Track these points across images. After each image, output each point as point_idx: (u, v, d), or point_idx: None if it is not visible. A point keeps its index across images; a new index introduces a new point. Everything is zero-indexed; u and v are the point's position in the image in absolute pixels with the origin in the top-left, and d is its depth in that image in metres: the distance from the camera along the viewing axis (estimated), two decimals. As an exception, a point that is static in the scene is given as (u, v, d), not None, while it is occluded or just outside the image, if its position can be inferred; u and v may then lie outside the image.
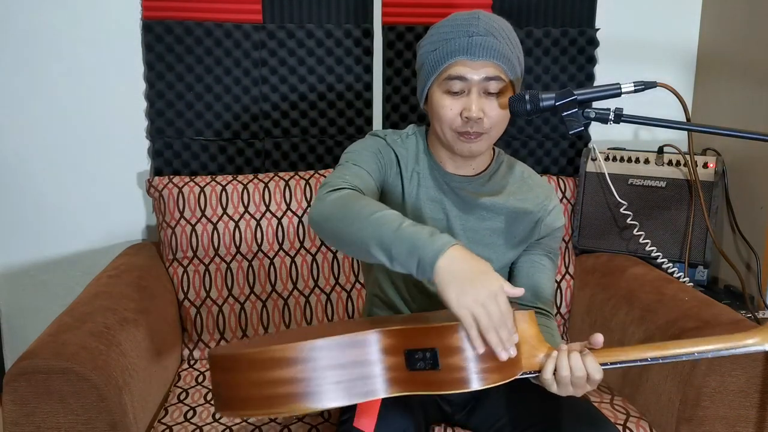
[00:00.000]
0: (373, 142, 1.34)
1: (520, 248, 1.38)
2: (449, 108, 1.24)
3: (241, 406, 1.01)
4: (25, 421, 1.28)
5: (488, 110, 1.23)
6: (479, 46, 1.21)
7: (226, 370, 1.02)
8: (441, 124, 1.27)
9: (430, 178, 1.35)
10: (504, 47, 1.23)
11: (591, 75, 2.11)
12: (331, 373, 0.98)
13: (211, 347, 1.88)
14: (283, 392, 0.98)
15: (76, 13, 1.96)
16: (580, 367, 1.05)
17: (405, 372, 0.99)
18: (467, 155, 1.29)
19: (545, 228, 1.37)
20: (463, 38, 1.22)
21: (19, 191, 2.03)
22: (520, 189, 1.38)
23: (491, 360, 0.98)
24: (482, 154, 1.32)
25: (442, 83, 1.25)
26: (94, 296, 1.60)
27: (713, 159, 1.95)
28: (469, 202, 1.35)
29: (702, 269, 1.98)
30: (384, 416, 1.16)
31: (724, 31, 2.06)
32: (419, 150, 1.37)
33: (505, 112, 1.26)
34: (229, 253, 1.88)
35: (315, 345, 0.97)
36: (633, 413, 1.54)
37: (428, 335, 0.99)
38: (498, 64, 1.22)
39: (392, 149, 1.35)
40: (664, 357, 1.06)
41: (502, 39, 1.24)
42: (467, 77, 1.22)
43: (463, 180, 1.35)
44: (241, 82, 2.01)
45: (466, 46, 1.21)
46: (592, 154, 2.02)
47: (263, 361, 0.98)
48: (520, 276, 1.38)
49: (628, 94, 1.13)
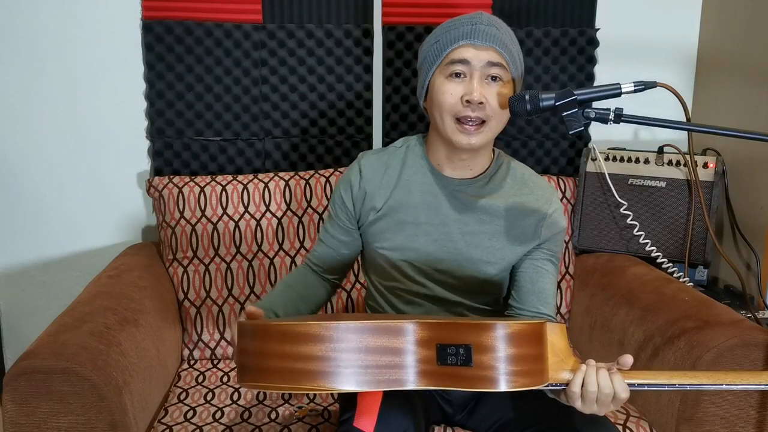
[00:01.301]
0: (338, 195, 1.43)
1: (522, 251, 1.37)
2: (450, 93, 1.25)
3: (264, 377, 1.00)
4: (26, 421, 1.28)
5: (489, 97, 1.24)
6: (483, 32, 1.24)
7: (256, 338, 1.02)
8: (441, 111, 1.27)
9: (427, 183, 1.35)
10: (506, 39, 1.27)
11: (591, 75, 2.11)
12: (360, 357, 0.97)
13: (211, 347, 1.88)
14: (308, 368, 0.97)
15: (76, 13, 1.96)
16: (608, 385, 1.03)
17: (434, 366, 0.99)
18: (466, 148, 1.28)
19: (547, 231, 1.36)
20: (467, 26, 1.25)
21: (19, 191, 2.03)
22: (520, 191, 1.37)
23: (523, 363, 0.99)
24: (481, 150, 1.32)
25: (444, 68, 1.26)
26: (94, 296, 1.60)
27: (713, 159, 1.95)
28: (467, 205, 1.34)
29: (702, 269, 1.98)
30: (384, 416, 1.16)
31: (724, 31, 2.06)
32: (414, 157, 1.38)
33: (505, 108, 1.27)
34: (229, 253, 1.88)
35: (349, 326, 0.97)
36: (633, 413, 1.54)
37: (464, 331, 0.99)
38: (500, 52, 1.25)
39: (361, 179, 1.39)
40: (691, 384, 1.05)
41: (505, 33, 1.27)
42: (470, 60, 1.24)
43: (461, 183, 1.35)
44: (241, 82, 2.01)
45: (471, 31, 1.24)
46: (592, 154, 2.02)
47: (295, 335, 0.98)
48: (524, 281, 1.37)
49: (628, 94, 1.13)
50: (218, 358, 1.89)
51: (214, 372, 1.81)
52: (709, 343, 1.42)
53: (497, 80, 1.26)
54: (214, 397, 1.66)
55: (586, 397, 1.04)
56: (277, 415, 1.57)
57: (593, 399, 1.04)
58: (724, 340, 1.41)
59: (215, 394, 1.68)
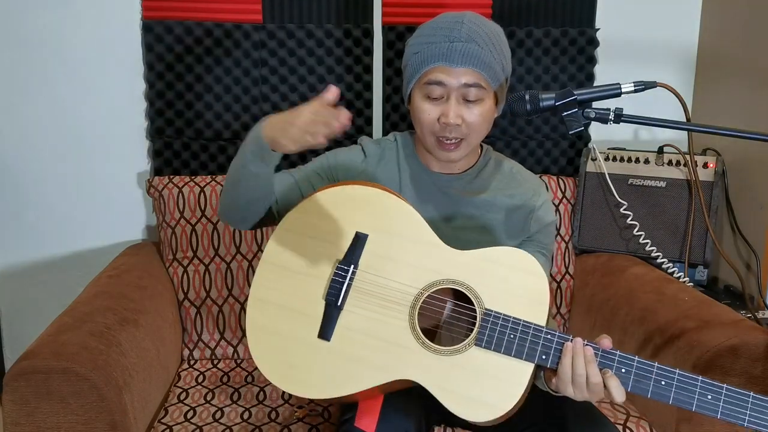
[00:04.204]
0: (339, 155, 1.39)
1: (512, 245, 1.36)
2: (428, 113, 1.25)
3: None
4: (25, 421, 1.28)
5: (467, 116, 1.24)
6: (458, 52, 1.21)
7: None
8: (421, 128, 1.28)
9: (416, 179, 1.36)
10: (486, 54, 1.22)
11: (591, 75, 2.11)
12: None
13: (211, 347, 1.88)
14: None
15: (76, 13, 1.96)
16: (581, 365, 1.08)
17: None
18: (446, 161, 1.31)
19: (536, 223, 1.37)
20: (444, 44, 1.22)
21: (19, 191, 2.03)
22: (508, 185, 1.37)
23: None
24: (461, 159, 1.33)
25: (422, 87, 1.26)
26: (94, 296, 1.61)
27: (713, 159, 1.95)
28: (457, 201, 1.35)
29: (702, 269, 1.98)
30: (385, 416, 1.16)
31: (724, 31, 2.06)
32: (403, 154, 1.38)
33: (487, 118, 1.26)
34: (229, 253, 1.88)
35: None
36: (633, 413, 1.55)
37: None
38: (478, 72, 1.22)
39: (365, 159, 1.38)
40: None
41: (485, 45, 1.23)
42: (446, 83, 1.23)
43: (450, 178, 1.35)
44: (241, 82, 2.01)
45: (446, 52, 1.22)
46: (592, 154, 2.02)
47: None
48: None
49: (628, 94, 1.13)
50: (218, 358, 1.89)
51: (214, 372, 1.81)
52: (709, 343, 1.42)
53: (476, 101, 1.24)
54: (214, 397, 1.66)
55: (576, 381, 1.09)
56: (277, 415, 1.57)
57: (582, 383, 1.08)
58: (724, 340, 1.41)
59: (215, 394, 1.68)
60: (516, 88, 2.03)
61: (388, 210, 1.23)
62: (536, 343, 1.12)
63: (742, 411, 1.04)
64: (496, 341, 1.13)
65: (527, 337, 1.12)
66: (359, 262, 1.21)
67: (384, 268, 1.20)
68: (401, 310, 1.17)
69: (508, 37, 1.33)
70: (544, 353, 1.11)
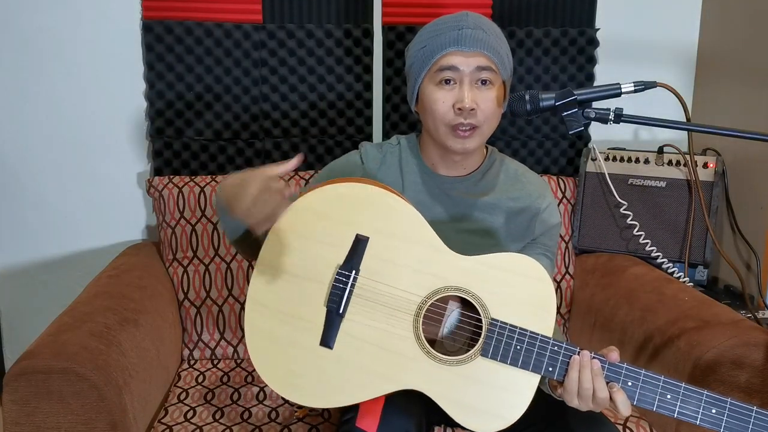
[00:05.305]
0: (336, 165, 1.41)
1: (517, 247, 1.37)
2: (441, 101, 1.25)
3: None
4: (25, 421, 1.28)
5: (481, 102, 1.24)
6: (470, 37, 1.23)
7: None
8: (434, 119, 1.27)
9: (421, 182, 1.35)
10: (494, 42, 1.25)
11: (591, 75, 2.11)
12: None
13: (211, 347, 1.88)
14: None
15: (76, 13, 1.96)
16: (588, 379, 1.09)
17: None
18: (461, 152, 1.30)
19: (541, 225, 1.37)
20: (453, 31, 1.24)
21: (19, 191, 2.03)
22: (513, 186, 1.38)
23: None
24: (475, 151, 1.33)
25: (433, 76, 1.26)
26: (94, 296, 1.60)
27: (713, 159, 1.95)
28: (461, 203, 1.35)
29: (702, 269, 1.98)
30: (386, 416, 1.16)
31: (724, 31, 2.06)
32: (407, 156, 1.38)
33: (497, 109, 1.27)
34: (229, 253, 1.88)
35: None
36: (633, 413, 1.54)
37: None
38: (489, 56, 1.24)
39: (363, 166, 1.38)
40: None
41: (492, 34, 1.26)
42: (459, 67, 1.24)
43: (455, 181, 1.35)
44: (241, 82, 2.01)
45: (457, 37, 1.23)
46: (592, 154, 2.02)
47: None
48: None
49: (628, 94, 1.13)
50: (218, 358, 1.89)
51: (214, 372, 1.81)
52: (709, 343, 1.42)
53: (487, 84, 1.26)
54: (214, 397, 1.66)
55: (582, 394, 1.09)
56: (277, 415, 1.57)
57: (588, 396, 1.09)
58: (724, 340, 1.41)
59: (215, 394, 1.68)
60: (516, 88, 2.03)
61: (389, 211, 1.20)
62: (543, 355, 1.11)
63: (744, 426, 1.05)
64: (502, 352, 1.12)
65: (534, 349, 1.12)
66: (360, 267, 1.18)
67: (386, 273, 1.17)
68: (405, 318, 1.16)
69: (508, 37, 1.35)
70: (551, 365, 1.11)
